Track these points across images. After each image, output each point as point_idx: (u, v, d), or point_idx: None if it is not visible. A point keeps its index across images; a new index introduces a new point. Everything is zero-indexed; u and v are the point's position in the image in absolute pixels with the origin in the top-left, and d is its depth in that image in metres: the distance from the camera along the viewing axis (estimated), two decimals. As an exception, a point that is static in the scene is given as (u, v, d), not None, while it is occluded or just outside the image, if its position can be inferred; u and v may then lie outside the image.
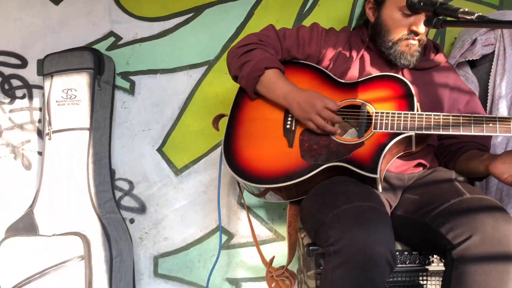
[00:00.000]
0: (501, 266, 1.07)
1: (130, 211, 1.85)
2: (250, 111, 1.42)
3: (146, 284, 1.84)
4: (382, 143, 1.22)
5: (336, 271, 1.06)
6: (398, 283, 1.35)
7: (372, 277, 1.04)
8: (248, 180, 1.31)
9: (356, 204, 1.10)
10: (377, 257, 1.03)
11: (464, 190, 1.19)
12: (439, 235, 1.13)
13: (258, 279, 1.82)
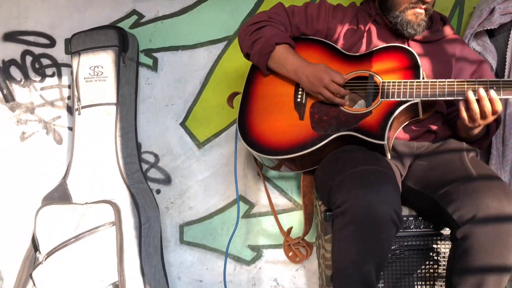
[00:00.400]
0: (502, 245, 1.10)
1: (156, 182, 1.95)
2: (262, 87, 1.48)
3: (173, 251, 1.95)
4: (389, 111, 1.27)
5: (343, 231, 1.13)
6: (412, 247, 1.41)
7: (377, 235, 1.10)
8: (262, 153, 1.39)
9: (361, 168, 1.16)
10: (381, 215, 1.08)
11: (472, 169, 1.23)
12: (446, 213, 1.17)
13: (278, 246, 1.90)
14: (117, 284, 1.48)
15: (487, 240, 1.10)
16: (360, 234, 1.11)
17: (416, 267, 1.42)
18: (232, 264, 1.94)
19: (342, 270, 1.18)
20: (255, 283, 1.93)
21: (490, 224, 1.10)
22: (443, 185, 1.21)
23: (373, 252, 1.13)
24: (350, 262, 1.15)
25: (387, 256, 1.19)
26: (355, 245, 1.13)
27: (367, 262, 1.13)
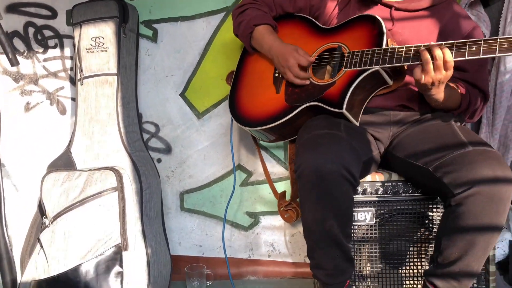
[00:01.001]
0: (494, 208, 1.16)
1: (157, 151, 2.01)
2: (250, 64, 1.61)
3: (174, 217, 2.03)
4: (350, 80, 1.32)
5: (301, 192, 1.23)
6: (400, 211, 1.47)
7: (329, 192, 1.18)
8: (245, 125, 1.52)
9: (314, 133, 1.25)
10: (328, 173, 1.15)
11: (466, 141, 1.26)
12: (441, 184, 1.22)
13: (274, 213, 1.97)
14: (120, 246, 1.55)
15: (480, 205, 1.16)
16: (315, 193, 1.19)
17: (405, 231, 1.48)
18: (230, 230, 2.01)
19: (308, 227, 1.27)
20: (252, 248, 2.01)
21: (484, 191, 1.15)
22: (438, 158, 1.25)
23: (330, 209, 1.21)
24: (312, 219, 1.24)
25: (347, 212, 1.26)
26: (313, 204, 1.21)
27: (327, 218, 1.21)
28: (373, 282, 1.51)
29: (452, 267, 1.24)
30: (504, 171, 1.16)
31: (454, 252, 1.22)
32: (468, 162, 1.18)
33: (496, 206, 1.16)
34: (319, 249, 1.29)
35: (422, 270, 1.48)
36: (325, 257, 1.29)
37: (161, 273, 1.65)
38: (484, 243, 1.20)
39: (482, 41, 1.15)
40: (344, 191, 1.21)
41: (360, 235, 1.50)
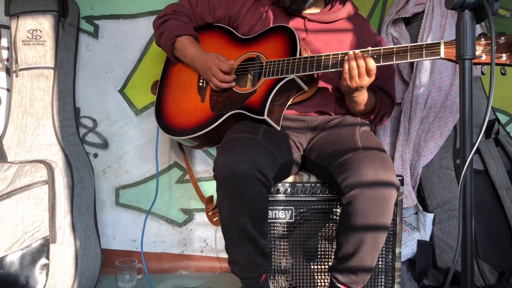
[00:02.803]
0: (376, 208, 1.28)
1: (94, 146, 2.03)
2: (174, 74, 1.65)
3: (108, 212, 2.05)
4: (269, 88, 1.41)
5: (218, 192, 1.30)
6: (318, 210, 1.58)
7: (243, 192, 1.26)
8: (172, 134, 1.56)
9: (231, 136, 1.33)
10: (240, 174, 1.23)
11: (359, 143, 1.38)
12: (337, 183, 1.33)
13: (209, 210, 2.05)
14: (47, 239, 1.57)
15: (364, 205, 1.27)
16: (229, 193, 1.27)
17: (321, 228, 1.59)
18: (164, 226, 2.07)
19: (224, 225, 1.34)
20: (185, 244, 2.07)
21: (367, 191, 1.26)
22: (335, 158, 1.37)
23: (243, 207, 1.28)
24: (228, 217, 1.32)
25: (261, 211, 1.33)
26: (228, 203, 1.29)
27: (241, 216, 1.29)
28: (291, 276, 1.62)
29: (349, 262, 1.35)
30: (387, 173, 1.27)
31: (349, 248, 1.33)
32: (355, 164, 1.29)
33: (379, 206, 1.27)
34: (234, 245, 1.36)
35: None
36: (240, 252, 1.36)
37: (89, 266, 1.68)
38: (373, 240, 1.32)
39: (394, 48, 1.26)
40: (257, 191, 1.28)
41: (280, 232, 1.59)
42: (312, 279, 1.61)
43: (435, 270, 1.66)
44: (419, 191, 1.83)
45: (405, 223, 1.81)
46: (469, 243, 0.91)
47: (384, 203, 1.27)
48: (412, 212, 1.86)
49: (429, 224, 1.75)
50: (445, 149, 1.75)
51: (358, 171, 1.27)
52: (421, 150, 1.77)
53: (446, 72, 1.76)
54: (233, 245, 1.36)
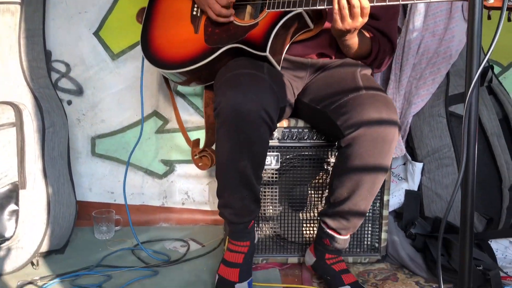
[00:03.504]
0: (378, 149, 1.22)
1: (67, 92, 1.90)
2: (163, 1, 1.51)
3: (84, 162, 1.95)
4: (273, 21, 1.29)
5: (219, 131, 1.22)
6: (305, 157, 1.52)
7: (247, 133, 1.18)
8: (160, 67, 1.44)
9: (236, 72, 1.23)
10: (247, 114, 1.15)
11: (362, 85, 1.31)
12: (335, 126, 1.27)
13: (190, 162, 1.95)
14: (16, 184, 1.47)
15: (366, 145, 1.22)
16: (232, 133, 1.19)
17: (309, 176, 1.53)
18: (144, 178, 1.98)
19: (221, 166, 1.27)
20: (166, 196, 2.00)
21: (370, 131, 1.21)
22: (335, 101, 1.30)
23: (245, 150, 1.21)
24: (227, 159, 1.24)
25: (262, 154, 1.27)
26: (229, 143, 1.21)
27: (242, 158, 1.22)
28: (275, 224, 1.56)
29: (342, 206, 1.30)
30: (390, 113, 1.22)
31: (344, 192, 1.29)
32: (358, 105, 1.24)
33: (380, 147, 1.22)
34: (229, 188, 1.29)
35: (321, 214, 1.55)
36: (234, 197, 1.30)
37: (63, 214, 1.59)
38: (370, 184, 1.27)
39: None
40: (262, 133, 1.21)
41: (265, 179, 1.53)
42: (298, 228, 1.56)
43: (422, 220, 1.63)
44: (408, 141, 1.77)
45: (393, 174, 1.76)
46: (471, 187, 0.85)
47: (387, 144, 1.22)
48: (400, 163, 1.81)
49: (418, 174, 1.70)
50: (436, 96, 1.69)
51: (360, 111, 1.21)
52: (412, 98, 1.70)
53: (441, 16, 1.68)
54: (228, 188, 1.29)
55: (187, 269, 1.54)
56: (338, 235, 1.35)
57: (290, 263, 1.57)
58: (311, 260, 1.44)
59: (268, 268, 1.54)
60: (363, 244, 1.58)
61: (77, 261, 1.56)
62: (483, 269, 1.31)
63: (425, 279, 1.46)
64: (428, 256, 1.47)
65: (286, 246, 1.58)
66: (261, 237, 1.56)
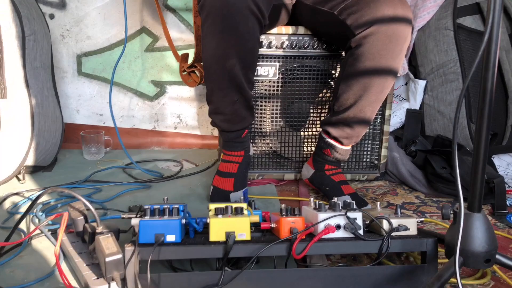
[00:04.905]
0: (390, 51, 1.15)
1: (49, 5, 1.77)
2: None
3: (70, 82, 1.85)
4: None
5: (204, 27, 1.13)
6: (305, 68, 1.43)
7: (234, 24, 1.09)
8: None
9: None
10: (233, 4, 1.06)
11: None
12: (344, 26, 1.18)
13: (182, 83, 1.86)
14: (-4, 93, 1.38)
15: (378, 45, 1.14)
16: (217, 25, 1.10)
17: (310, 91, 1.45)
18: (134, 99, 1.89)
19: (208, 66, 1.19)
20: (158, 119, 1.92)
21: (382, 30, 1.13)
22: (344, 0, 1.20)
23: (233, 45, 1.13)
24: (213, 56, 1.16)
25: (252, 53, 1.19)
26: (215, 38, 1.12)
27: (229, 56, 1.13)
28: (272, 140, 1.50)
29: (347, 113, 1.24)
30: (405, 10, 1.14)
31: (350, 98, 1.22)
32: (371, 1, 1.15)
33: (393, 47, 1.15)
34: (218, 90, 1.22)
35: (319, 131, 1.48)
36: (224, 100, 1.22)
37: (48, 127, 1.50)
38: (379, 87, 1.20)
39: None
40: (250, 27, 1.12)
41: (262, 91, 1.45)
42: (296, 144, 1.50)
43: (423, 138, 1.58)
44: (411, 60, 1.69)
45: (394, 95, 1.69)
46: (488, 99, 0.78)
47: (400, 43, 1.14)
48: (401, 83, 1.74)
49: (420, 92, 1.64)
50: (444, 8, 1.59)
51: (374, 8, 1.12)
52: (418, 10, 1.61)
53: None
54: (217, 91, 1.21)
55: (181, 184, 1.49)
56: (339, 145, 1.30)
57: (287, 179, 1.53)
58: (309, 173, 1.39)
59: (264, 184, 1.49)
60: (362, 161, 1.53)
61: (66, 178, 1.50)
62: (486, 178, 1.27)
63: (425, 194, 1.43)
64: (429, 170, 1.43)
65: (282, 162, 1.52)
66: (257, 153, 1.51)
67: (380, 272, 0.89)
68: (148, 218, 0.87)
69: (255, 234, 0.93)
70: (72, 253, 0.94)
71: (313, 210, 0.93)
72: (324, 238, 0.87)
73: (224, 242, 0.85)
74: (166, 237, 0.85)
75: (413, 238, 0.91)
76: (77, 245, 0.98)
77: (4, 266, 0.95)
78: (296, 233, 0.87)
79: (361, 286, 0.88)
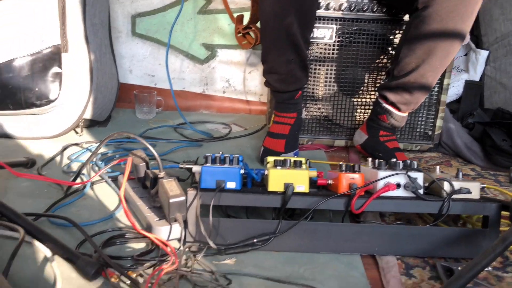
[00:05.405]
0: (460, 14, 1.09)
1: (107, -35, 1.80)
2: None
3: (124, 42, 1.89)
4: None
5: None
6: (364, 32, 1.40)
7: None
8: None
9: None
10: None
11: None
12: None
13: (233, 47, 1.87)
14: (59, 47, 1.42)
15: (447, 6, 1.09)
16: None
17: (366, 56, 1.42)
18: (185, 62, 1.91)
19: (266, 23, 1.18)
20: (207, 83, 1.93)
21: None
22: None
23: (291, 3, 1.11)
24: (271, 13, 1.15)
25: (310, 11, 1.18)
26: None
27: (288, 14, 1.12)
28: (324, 105, 1.49)
29: (407, 77, 1.20)
30: None
31: (412, 62, 1.18)
32: None
33: (464, 8, 1.09)
34: (274, 49, 1.21)
35: (374, 99, 1.45)
36: (280, 59, 1.22)
37: (105, 83, 1.55)
38: (444, 52, 1.15)
39: None
40: None
41: (317, 54, 1.43)
42: (348, 110, 1.48)
43: (481, 111, 1.52)
44: (473, 29, 1.62)
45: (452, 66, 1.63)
46: None
47: (471, 5, 1.09)
48: (461, 54, 1.67)
49: (482, 63, 1.57)
50: (514, -27, 1.50)
51: None
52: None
53: None
54: (274, 50, 1.21)
55: (230, 145, 1.51)
56: (396, 111, 1.27)
57: (337, 146, 1.51)
58: (362, 139, 1.37)
59: (313, 149, 1.49)
60: (416, 130, 1.49)
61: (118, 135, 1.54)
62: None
63: (481, 167, 1.38)
64: (488, 143, 1.38)
65: (333, 128, 1.51)
66: (308, 118, 1.50)
67: (438, 233, 0.87)
68: (210, 165, 0.88)
69: (311, 189, 0.93)
70: (134, 197, 0.98)
71: (372, 168, 0.92)
72: (383, 196, 0.87)
73: (282, 193, 0.86)
74: (227, 184, 0.86)
75: (475, 202, 0.88)
76: (137, 190, 1.02)
77: (70, 205, 1.01)
78: (355, 188, 0.86)
79: (418, 246, 0.87)
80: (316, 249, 0.86)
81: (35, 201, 1.01)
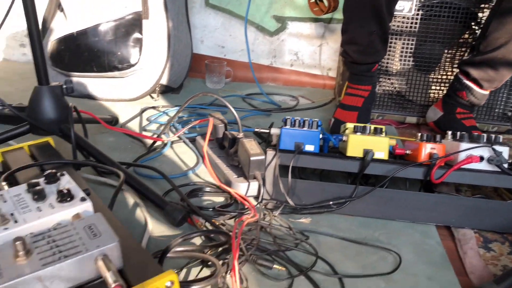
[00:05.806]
0: None
1: None
2: None
3: (198, 13, 1.93)
4: None
5: None
6: (448, 4, 1.34)
7: None
8: None
9: None
10: None
11: None
12: None
13: (303, 20, 1.86)
14: (140, 14, 1.49)
15: None
16: None
17: (447, 31, 1.36)
18: (254, 34, 1.93)
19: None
20: (275, 55, 1.95)
21: None
22: None
23: None
24: None
25: None
26: None
27: None
28: (398, 80, 1.46)
29: (495, 53, 1.15)
30: None
31: (501, 37, 1.12)
32: None
33: None
34: (357, 19, 1.19)
35: (451, 77, 1.40)
36: (362, 30, 1.20)
37: (181, 51, 1.61)
38: None
39: None
40: None
41: (394, 27, 1.39)
42: (422, 86, 1.44)
43: None
44: None
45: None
46: None
47: None
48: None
49: None
50: None
51: None
52: None
53: None
54: (356, 20, 1.19)
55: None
56: (478, 88, 1.22)
57: (408, 122, 1.48)
58: (436, 116, 1.33)
59: (384, 125, 1.46)
60: (494, 111, 1.43)
61: (192, 101, 1.59)
62: None
63: None
64: None
65: (405, 105, 1.48)
66: (380, 92, 1.47)
67: (522, 211, 0.84)
68: (289, 128, 0.91)
69: (388, 158, 0.93)
70: (213, 156, 1.02)
71: (453, 141, 0.90)
72: (464, 168, 0.85)
73: (361, 159, 0.87)
74: (305, 146, 0.88)
75: None
76: (215, 150, 1.06)
77: (153, 160, 1.07)
78: (436, 158, 0.85)
79: (497, 221, 0.85)
80: (391, 216, 0.87)
81: (122, 154, 1.09)
